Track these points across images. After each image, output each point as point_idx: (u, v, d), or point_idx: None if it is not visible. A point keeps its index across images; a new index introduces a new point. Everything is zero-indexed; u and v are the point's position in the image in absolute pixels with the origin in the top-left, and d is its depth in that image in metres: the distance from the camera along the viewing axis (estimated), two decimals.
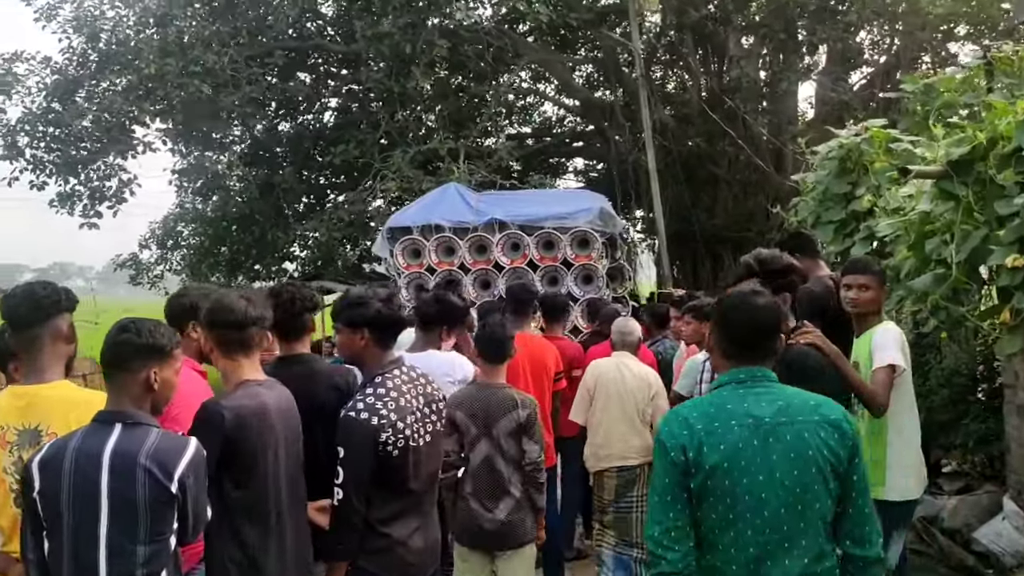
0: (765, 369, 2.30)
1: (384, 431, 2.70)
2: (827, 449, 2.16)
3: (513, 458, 3.67)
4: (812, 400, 2.28)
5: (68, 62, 13.32)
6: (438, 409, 3.02)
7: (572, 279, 8.61)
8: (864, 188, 5.78)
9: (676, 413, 2.32)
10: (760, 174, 15.09)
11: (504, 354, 3.78)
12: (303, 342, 3.07)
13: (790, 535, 2.13)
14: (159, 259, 18.00)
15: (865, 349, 3.49)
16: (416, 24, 12.03)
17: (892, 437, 3.45)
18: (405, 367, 2.95)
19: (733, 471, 2.14)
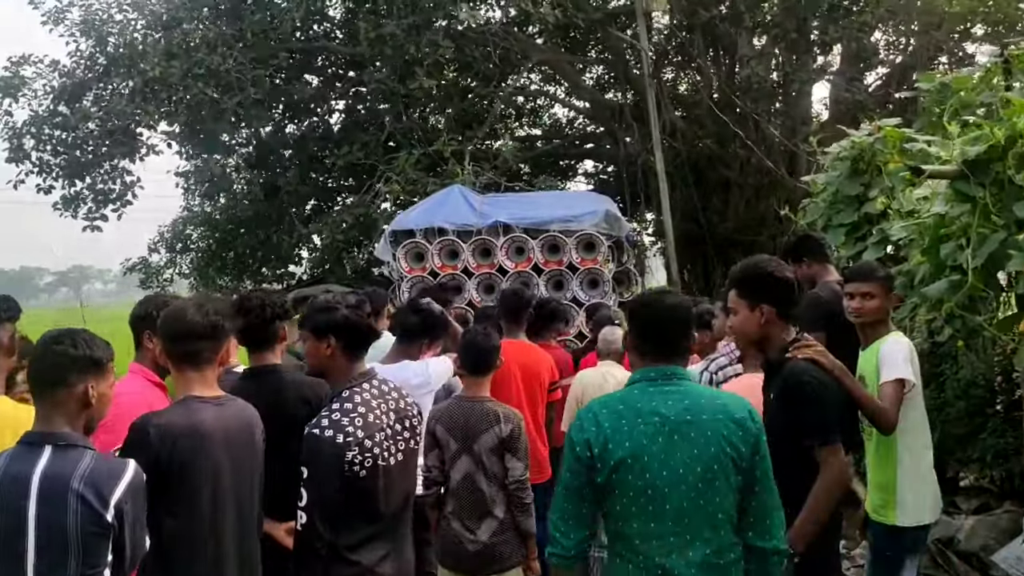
0: (676, 367, 2.40)
1: (350, 450, 2.52)
2: (730, 446, 2.27)
3: (496, 476, 3.49)
4: (719, 399, 2.41)
5: (76, 65, 13.29)
6: (411, 426, 2.82)
7: (577, 283, 8.42)
8: (877, 190, 5.56)
9: (588, 410, 2.40)
10: (772, 177, 14.82)
11: (487, 366, 3.62)
12: (274, 352, 2.91)
13: (693, 528, 2.24)
14: (168, 263, 17.97)
15: (872, 362, 3.27)
16: (420, 26, 11.87)
17: (902, 457, 3.22)
18: (376, 380, 2.76)
19: (637, 467, 2.24)
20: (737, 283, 2.90)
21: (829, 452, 2.63)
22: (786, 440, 2.65)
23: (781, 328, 2.81)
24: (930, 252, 3.99)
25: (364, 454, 2.56)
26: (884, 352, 3.25)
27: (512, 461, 3.47)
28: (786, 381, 2.69)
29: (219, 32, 12.15)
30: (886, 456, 3.23)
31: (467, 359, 3.63)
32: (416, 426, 2.84)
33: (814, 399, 2.65)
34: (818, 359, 2.77)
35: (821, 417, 2.63)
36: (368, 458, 2.57)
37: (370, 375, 2.74)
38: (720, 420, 2.30)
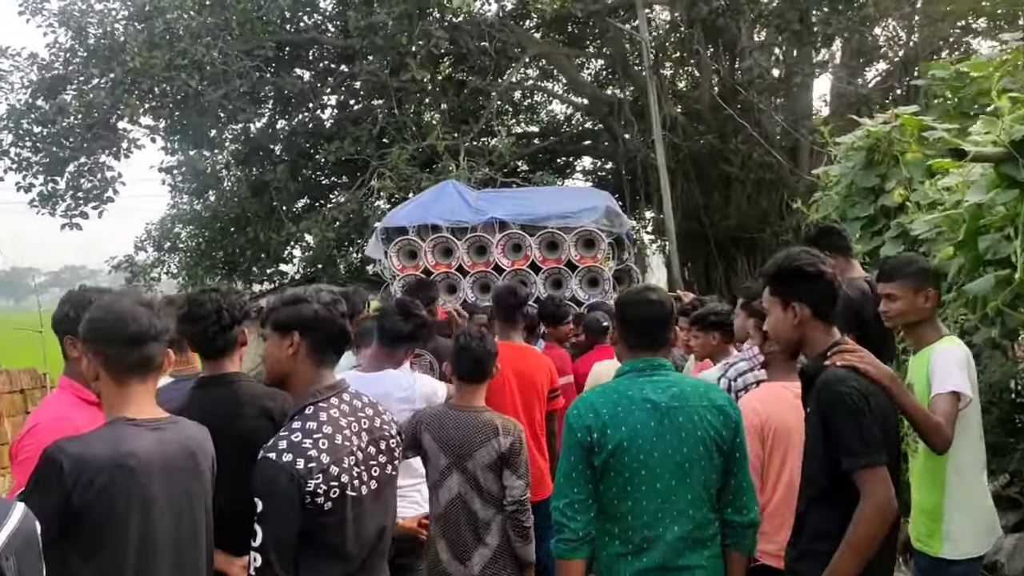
0: (661, 358, 2.64)
1: (312, 477, 2.13)
2: (713, 429, 2.52)
3: (492, 496, 3.11)
4: (702, 387, 2.67)
5: (55, 57, 12.86)
6: (388, 448, 2.40)
7: (577, 282, 8.10)
8: (894, 181, 5.21)
9: (583, 399, 2.65)
10: (774, 173, 14.53)
11: (483, 373, 3.25)
12: (232, 359, 2.54)
13: (679, 504, 2.48)
14: (155, 262, 17.57)
15: (922, 371, 2.89)
16: (412, 15, 11.50)
17: (951, 479, 2.83)
18: (347, 394, 2.36)
19: (632, 449, 2.48)
20: (769, 279, 2.54)
21: (870, 476, 2.25)
22: (826, 463, 2.30)
23: (820, 330, 2.45)
24: (966, 245, 3.65)
25: (330, 483, 2.17)
26: (936, 360, 2.87)
27: (511, 479, 3.09)
28: (822, 392, 2.32)
29: (203, 22, 11.75)
30: (933, 477, 2.84)
31: (461, 364, 3.26)
32: (394, 448, 2.43)
33: (853, 413, 2.26)
34: (861, 366, 2.36)
35: (861, 434, 2.24)
36: (335, 488, 2.18)
37: (340, 387, 2.35)
38: (705, 406, 2.55)
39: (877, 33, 15.02)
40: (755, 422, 3.03)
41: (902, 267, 3.20)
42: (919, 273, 3.12)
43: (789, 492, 3.00)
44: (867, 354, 2.42)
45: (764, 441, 3.04)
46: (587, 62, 18.22)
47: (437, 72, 13.25)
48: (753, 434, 3.02)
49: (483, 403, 3.27)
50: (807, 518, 2.41)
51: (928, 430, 2.60)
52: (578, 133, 18.68)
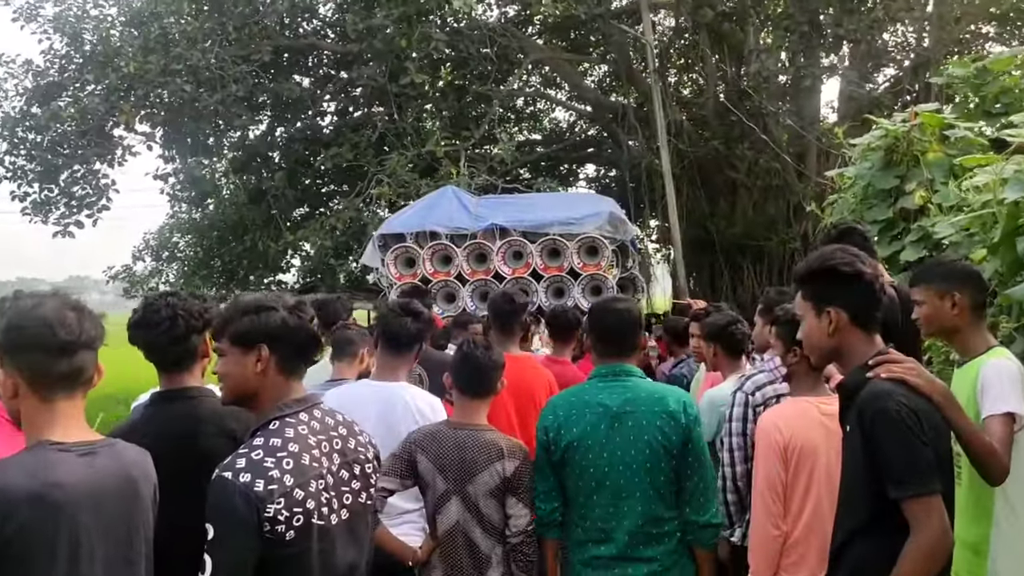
0: (625, 364, 2.82)
1: (273, 501, 1.85)
2: (661, 434, 2.68)
3: (494, 526, 2.78)
4: (657, 394, 2.79)
5: (50, 64, 12.66)
6: (364, 474, 2.10)
7: (579, 290, 7.83)
8: (915, 182, 4.95)
9: (550, 401, 2.95)
10: (781, 179, 14.27)
11: (488, 387, 2.91)
12: (191, 372, 2.25)
13: (628, 502, 2.69)
14: (153, 271, 17.38)
15: (967, 387, 2.56)
16: (411, 18, 11.28)
17: (1000, 511, 2.49)
18: (318, 411, 2.07)
19: (582, 448, 2.72)
20: (800, 282, 2.24)
21: (922, 507, 1.94)
22: (870, 490, 2.00)
23: (859, 338, 2.14)
24: (1002, 247, 3.38)
25: (293, 509, 1.89)
26: (986, 376, 2.53)
27: (516, 507, 2.77)
28: (864, 409, 2.01)
29: (199, 26, 11.54)
30: (979, 508, 2.51)
31: (463, 375, 2.92)
32: (371, 474, 2.13)
33: (902, 433, 1.96)
34: (910, 378, 2.04)
35: (911, 458, 1.94)
36: (298, 515, 1.90)
37: (310, 401, 2.07)
38: (656, 412, 2.71)
39: (886, 38, 14.81)
40: (777, 442, 2.76)
41: (928, 270, 2.92)
42: (944, 276, 2.79)
43: (815, 520, 2.72)
44: (917, 365, 2.10)
45: (787, 463, 2.75)
46: (591, 68, 18.02)
47: (438, 77, 13.04)
48: (775, 455, 2.74)
49: (485, 421, 2.94)
50: (846, 553, 2.08)
51: (984, 458, 2.25)
52: (582, 140, 18.47)
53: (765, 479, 2.80)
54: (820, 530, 2.65)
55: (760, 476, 2.83)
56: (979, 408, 2.49)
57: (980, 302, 2.77)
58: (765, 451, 2.79)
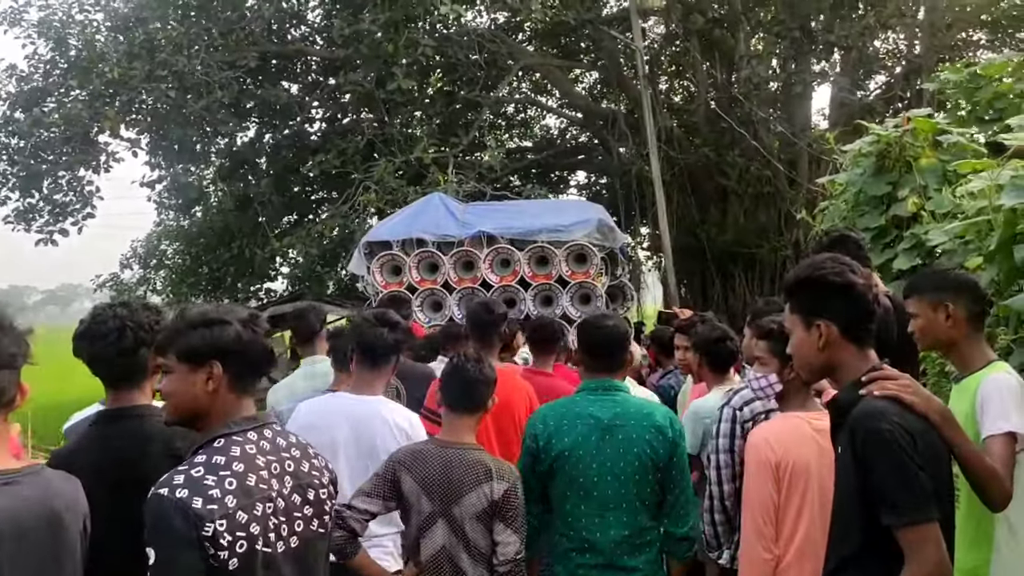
0: (613, 380, 2.90)
1: (212, 521, 1.70)
2: (650, 448, 2.75)
3: (481, 552, 2.61)
4: (645, 408, 2.88)
5: (34, 69, 12.51)
6: (318, 500, 1.95)
7: (568, 299, 7.69)
8: (907, 189, 4.84)
9: (538, 411, 2.99)
10: (772, 186, 14.21)
11: (478, 403, 2.75)
12: (140, 389, 2.11)
13: (614, 512, 2.74)
14: (141, 279, 17.23)
15: (966, 403, 2.41)
16: (398, 23, 11.17)
17: (1002, 539, 2.35)
18: (269, 430, 1.92)
19: (573, 458, 2.76)
20: (789, 293, 2.09)
21: (918, 535, 1.81)
22: (862, 516, 1.86)
23: (852, 353, 2.00)
24: (998, 255, 3.27)
25: (236, 532, 1.73)
26: (985, 392, 2.37)
27: (504, 533, 2.60)
28: (857, 429, 1.87)
29: (185, 32, 11.41)
30: (979, 533, 2.36)
31: (452, 391, 2.76)
32: (325, 500, 1.96)
33: (896, 456, 1.82)
34: (905, 396, 1.90)
35: (906, 483, 1.81)
36: (241, 540, 1.74)
37: (261, 420, 1.92)
38: (644, 426, 2.78)
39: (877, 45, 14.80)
40: (769, 459, 2.62)
41: (921, 280, 2.76)
42: (937, 286, 2.64)
43: (807, 544, 2.58)
44: (912, 382, 1.96)
45: (779, 482, 2.61)
46: (581, 75, 17.97)
47: (427, 84, 12.93)
48: (766, 473, 2.61)
49: (474, 439, 2.76)
50: None
51: (986, 482, 2.10)
52: (572, 147, 18.41)
53: (756, 499, 2.65)
54: (813, 554, 2.51)
55: (751, 495, 2.68)
56: (978, 427, 2.35)
57: (977, 313, 2.60)
58: (757, 469, 2.65)
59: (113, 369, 2.07)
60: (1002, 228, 3.12)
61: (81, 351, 2.10)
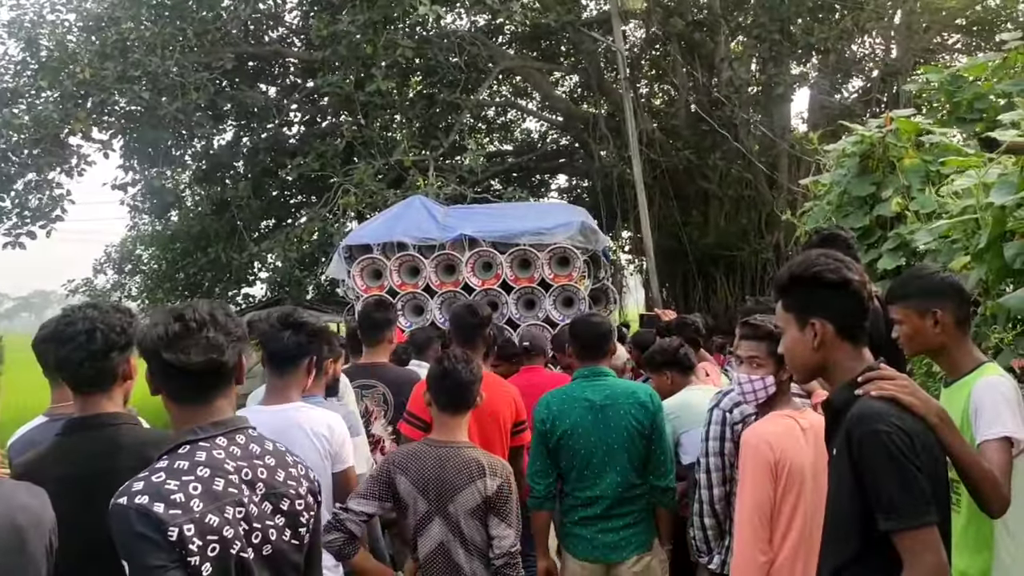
0: (601, 367, 3.49)
1: (175, 526, 1.62)
2: (636, 420, 3.34)
3: (477, 547, 2.68)
4: (630, 389, 3.50)
5: (4, 70, 12.25)
6: (293, 511, 1.84)
7: (551, 302, 7.62)
8: (891, 189, 4.82)
9: (543, 399, 3.47)
10: (753, 189, 14.27)
11: (467, 402, 2.82)
12: (110, 396, 2.00)
13: (610, 475, 3.34)
14: (115, 285, 16.96)
15: (959, 409, 2.34)
16: (377, 24, 11.06)
17: (1002, 544, 2.29)
18: (242, 435, 1.83)
19: (574, 435, 3.34)
20: (782, 291, 2.02)
21: (916, 540, 1.75)
22: (858, 520, 1.80)
23: (846, 352, 1.94)
24: (986, 254, 3.23)
25: (206, 536, 1.65)
26: (978, 396, 2.30)
27: (499, 527, 2.68)
28: (852, 431, 1.81)
29: (158, 32, 11.23)
30: (979, 539, 2.30)
31: (442, 392, 2.81)
32: (301, 512, 1.86)
33: (893, 458, 1.76)
34: (903, 397, 1.84)
35: (904, 486, 1.75)
36: (213, 543, 1.66)
37: (231, 425, 1.83)
38: (630, 403, 3.38)
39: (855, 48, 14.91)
40: (769, 460, 2.55)
41: (905, 285, 2.66)
42: (924, 292, 2.54)
43: (799, 544, 2.52)
44: (910, 382, 1.90)
45: (777, 483, 2.55)
46: (562, 79, 17.95)
47: (407, 87, 12.80)
48: (766, 474, 2.54)
49: (466, 437, 2.84)
50: None
51: (984, 487, 2.03)
52: (553, 151, 18.38)
53: (754, 500, 2.57)
54: (806, 554, 2.49)
55: (748, 497, 2.60)
56: (973, 432, 2.30)
57: (964, 316, 2.53)
58: (755, 470, 2.57)
59: (81, 374, 1.96)
60: (991, 226, 3.08)
61: (47, 354, 1.99)
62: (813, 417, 2.71)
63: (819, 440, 2.56)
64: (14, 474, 1.92)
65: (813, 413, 2.75)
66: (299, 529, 1.84)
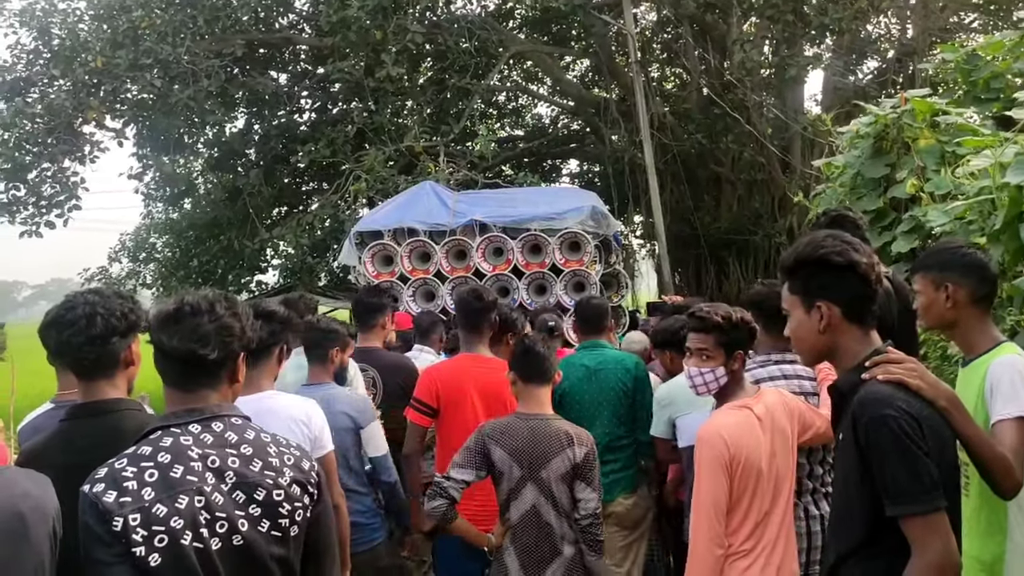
0: (599, 340, 4.30)
1: (120, 516, 1.60)
2: (622, 383, 4.08)
3: (565, 509, 2.97)
4: (619, 357, 4.25)
5: (17, 59, 12.29)
6: (271, 501, 1.79)
7: (562, 287, 7.59)
8: (906, 171, 4.75)
9: None
10: (766, 173, 14.15)
11: (550, 375, 3.13)
12: (113, 382, 1.99)
13: (600, 426, 3.97)
14: (130, 273, 17.06)
15: (973, 386, 2.30)
16: (387, 9, 11.01)
17: (1015, 526, 2.23)
18: (220, 424, 1.80)
19: (572, 394, 4.07)
20: (788, 273, 1.99)
21: (924, 526, 1.72)
22: (865, 507, 1.78)
23: (854, 336, 1.91)
24: (1002, 236, 3.18)
25: (152, 526, 1.62)
26: (994, 375, 2.24)
27: (585, 491, 2.98)
28: (859, 415, 1.78)
29: (169, 19, 11.24)
30: (992, 522, 2.25)
31: (527, 368, 3.09)
32: (280, 502, 1.80)
33: (901, 443, 1.73)
34: (911, 380, 1.81)
35: (912, 471, 1.72)
36: (160, 534, 1.63)
37: (207, 412, 1.79)
38: (619, 368, 4.11)
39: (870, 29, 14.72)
40: (723, 455, 2.55)
41: (929, 256, 2.62)
42: (942, 265, 2.50)
43: (757, 536, 2.59)
44: (918, 366, 1.86)
45: (732, 478, 2.56)
46: (572, 63, 17.83)
47: (417, 72, 12.74)
48: (720, 469, 2.55)
49: (550, 410, 3.13)
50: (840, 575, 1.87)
51: (995, 470, 2.00)
52: (564, 135, 18.28)
53: (709, 495, 2.57)
54: (763, 545, 2.59)
55: (703, 492, 2.59)
56: (988, 412, 2.26)
57: (983, 295, 2.47)
58: (709, 465, 2.56)
59: (81, 358, 1.96)
60: (1007, 207, 3.03)
61: (49, 339, 1.99)
62: (769, 399, 2.72)
63: (776, 424, 2.66)
64: (19, 460, 1.92)
65: (771, 394, 2.77)
66: (279, 520, 1.79)
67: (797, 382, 3.13)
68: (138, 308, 2.05)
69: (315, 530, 1.88)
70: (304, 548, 1.86)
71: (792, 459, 2.72)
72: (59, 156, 12.11)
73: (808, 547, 2.94)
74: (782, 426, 2.68)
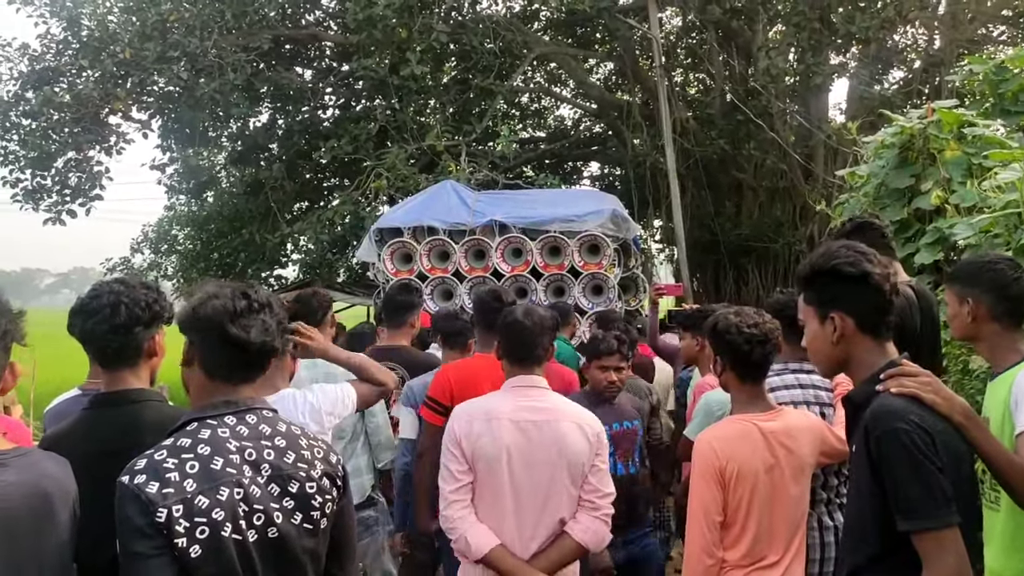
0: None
1: (164, 507, 1.61)
2: None
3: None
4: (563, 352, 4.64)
5: (46, 49, 12.44)
6: (304, 493, 1.81)
7: (580, 289, 7.60)
8: (931, 182, 4.71)
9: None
10: (788, 180, 14.05)
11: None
12: (135, 372, 2.02)
13: None
14: (152, 264, 17.26)
15: (999, 399, 2.28)
16: (412, 7, 11.06)
17: None
18: (253, 415, 1.82)
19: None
20: (802, 283, 1.99)
21: (936, 542, 1.71)
22: (877, 521, 1.76)
23: (868, 347, 1.90)
24: None
25: (195, 518, 1.64)
26: (1019, 386, 2.23)
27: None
28: (872, 428, 1.76)
29: (197, 13, 11.35)
30: (1015, 538, 2.23)
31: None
32: (313, 495, 1.83)
33: (913, 458, 1.71)
34: (924, 394, 1.80)
35: (924, 486, 1.70)
36: (202, 525, 1.64)
37: (243, 405, 1.82)
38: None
39: (896, 38, 14.59)
40: (713, 465, 2.55)
41: (959, 268, 2.59)
42: (968, 279, 2.48)
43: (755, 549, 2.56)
44: (933, 379, 1.85)
45: (725, 488, 2.55)
46: (596, 66, 17.81)
47: (441, 72, 12.77)
48: (710, 479, 2.55)
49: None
50: None
51: (1016, 482, 1.97)
52: (586, 138, 18.25)
53: (700, 505, 2.57)
54: (761, 559, 2.56)
55: (695, 500, 2.60)
56: (1014, 423, 2.23)
57: (1003, 311, 2.42)
58: (701, 474, 2.57)
59: (105, 347, 1.98)
60: None
61: (74, 328, 2.02)
62: (790, 418, 2.68)
63: (789, 442, 2.61)
64: (41, 444, 1.95)
65: (791, 415, 2.73)
66: (311, 513, 1.82)
67: (813, 391, 3.12)
68: (163, 299, 2.07)
69: (340, 523, 1.90)
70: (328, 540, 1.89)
71: (805, 483, 2.69)
72: (85, 146, 12.25)
73: (821, 558, 2.93)
74: (797, 447, 2.65)
